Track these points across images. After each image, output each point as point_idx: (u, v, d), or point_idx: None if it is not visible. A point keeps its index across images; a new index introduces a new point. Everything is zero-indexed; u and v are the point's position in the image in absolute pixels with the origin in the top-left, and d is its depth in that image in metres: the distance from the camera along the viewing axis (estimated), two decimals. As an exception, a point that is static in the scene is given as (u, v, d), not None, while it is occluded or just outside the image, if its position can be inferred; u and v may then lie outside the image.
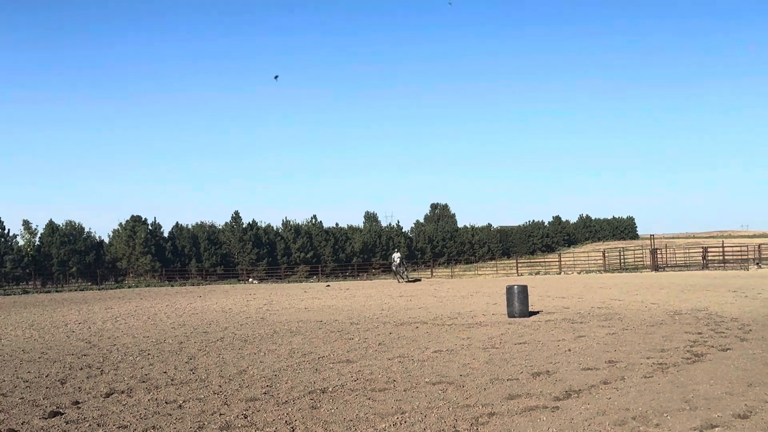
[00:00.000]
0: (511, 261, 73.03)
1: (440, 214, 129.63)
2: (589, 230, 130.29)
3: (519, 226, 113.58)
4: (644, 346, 12.72)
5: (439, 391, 9.31)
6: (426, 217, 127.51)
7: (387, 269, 68.60)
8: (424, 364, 11.66)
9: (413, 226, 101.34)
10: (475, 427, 7.45)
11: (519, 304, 18.44)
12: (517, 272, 52.95)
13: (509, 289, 18.74)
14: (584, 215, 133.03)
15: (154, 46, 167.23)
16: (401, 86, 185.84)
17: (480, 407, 8.32)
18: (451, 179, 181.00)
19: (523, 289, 18.63)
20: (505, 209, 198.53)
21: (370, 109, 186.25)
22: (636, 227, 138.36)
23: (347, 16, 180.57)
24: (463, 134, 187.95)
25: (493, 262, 79.84)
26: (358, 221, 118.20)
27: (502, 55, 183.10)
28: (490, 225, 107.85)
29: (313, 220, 74.78)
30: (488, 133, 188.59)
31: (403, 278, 45.32)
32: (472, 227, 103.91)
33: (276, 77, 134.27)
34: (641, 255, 54.72)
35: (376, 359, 12.35)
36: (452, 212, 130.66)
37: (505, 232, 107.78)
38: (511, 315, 18.51)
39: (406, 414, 8.11)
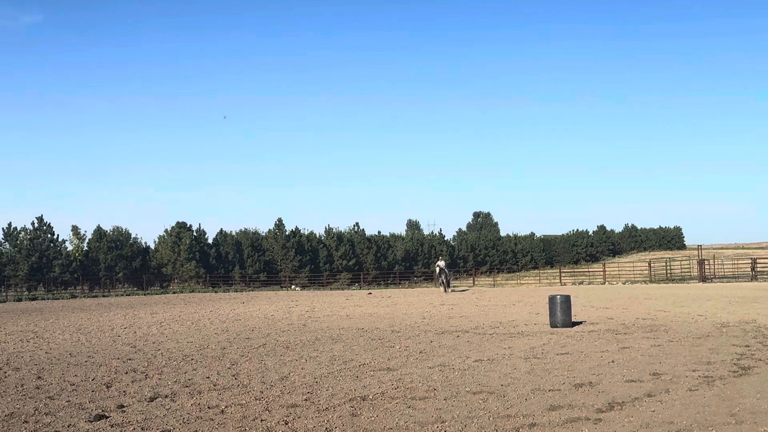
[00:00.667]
0: (554, 270, 72.38)
1: (483, 222, 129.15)
2: (634, 240, 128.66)
3: (563, 235, 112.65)
4: (690, 358, 12.50)
5: (480, 401, 9.26)
6: (468, 226, 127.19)
7: (429, 277, 68.49)
8: (464, 373, 11.62)
9: (455, 234, 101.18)
10: (515, 438, 7.40)
11: (562, 314, 18.27)
12: (561, 282, 52.45)
13: (552, 298, 18.58)
14: (630, 225, 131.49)
15: (196, 48, 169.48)
16: (446, 94, 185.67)
17: (521, 418, 8.26)
18: (494, 188, 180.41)
19: (566, 299, 18.46)
20: (548, 218, 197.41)
21: (414, 117, 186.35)
22: (683, 237, 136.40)
23: (399, 19, 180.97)
24: (507, 142, 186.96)
25: (536, 271, 79.22)
26: (401, 229, 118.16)
27: (547, 61, 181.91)
28: (533, 234, 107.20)
29: (356, 227, 75.06)
30: (532, 141, 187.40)
31: (448, 288, 43.33)
32: (515, 236, 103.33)
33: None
34: (688, 266, 53.78)
35: (416, 367, 12.33)
36: (495, 221, 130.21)
37: (548, 241, 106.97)
38: (553, 325, 18.35)
39: (446, 423, 8.09)
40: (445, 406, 9.03)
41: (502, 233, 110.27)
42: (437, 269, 44.11)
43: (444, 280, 42.52)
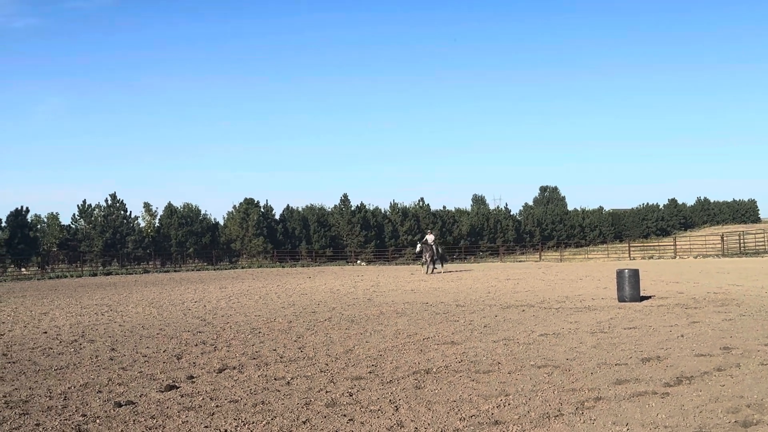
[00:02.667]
0: (623, 245, 71.15)
1: (550, 196, 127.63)
2: (707, 213, 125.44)
3: (632, 209, 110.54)
4: (762, 332, 12.16)
5: (545, 375, 9.19)
6: (535, 200, 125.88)
7: (495, 252, 68.09)
8: (529, 347, 11.54)
9: (522, 208, 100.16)
10: (580, 411, 7.33)
11: (630, 288, 17.95)
12: (629, 256, 51.56)
13: (620, 272, 18.27)
14: (702, 198, 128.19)
15: (264, 28, 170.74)
16: (508, 68, 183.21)
17: (586, 391, 8.17)
18: (562, 161, 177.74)
19: (635, 273, 18.12)
20: (617, 192, 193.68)
21: (478, 91, 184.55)
22: (758, 210, 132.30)
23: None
24: (573, 115, 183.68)
25: (604, 246, 78.02)
26: (466, 204, 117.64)
27: (613, 32, 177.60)
28: (601, 208, 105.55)
29: (421, 202, 75.01)
30: (599, 113, 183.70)
31: (432, 267, 36.95)
32: (583, 210, 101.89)
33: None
34: (763, 239, 52.22)
35: (480, 341, 12.30)
36: (562, 195, 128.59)
37: (617, 215, 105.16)
38: (621, 299, 18.05)
39: (510, 396, 8.05)
40: (509, 379, 8.99)
41: (570, 207, 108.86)
42: (418, 245, 38.25)
43: (429, 258, 36.49)
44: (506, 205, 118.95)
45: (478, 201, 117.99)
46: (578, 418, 7.06)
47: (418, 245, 37.99)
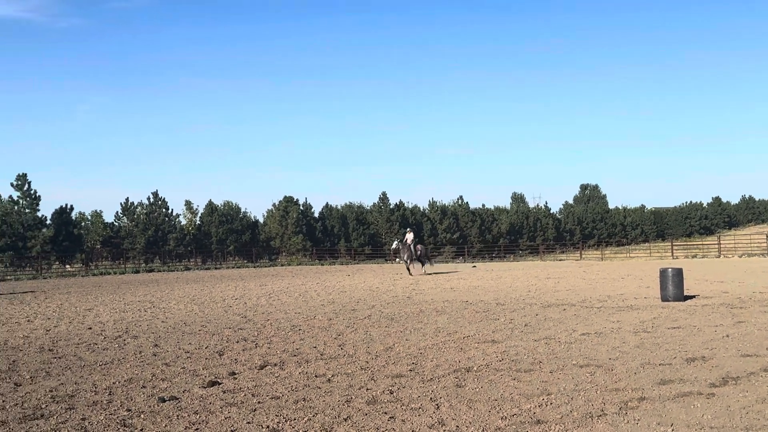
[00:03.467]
0: (665, 244, 70.21)
1: (590, 195, 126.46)
2: (752, 212, 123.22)
3: (675, 207, 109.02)
4: (812, 334, 11.90)
5: (587, 374, 9.10)
6: (575, 198, 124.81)
7: (535, 251, 67.64)
8: (571, 346, 11.43)
9: (562, 207, 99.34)
10: (624, 411, 7.24)
11: (673, 287, 17.68)
12: (672, 255, 50.86)
13: (663, 271, 18.02)
14: (747, 196, 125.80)
15: (301, 30, 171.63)
16: (549, 66, 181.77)
17: (630, 391, 8.07)
18: (602, 159, 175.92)
19: (678, 272, 17.85)
20: (659, 190, 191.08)
21: (517, 89, 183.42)
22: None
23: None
24: (615, 112, 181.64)
25: (646, 244, 77.06)
26: (505, 202, 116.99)
27: (653, 26, 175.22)
28: (643, 206, 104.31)
29: (460, 200, 74.82)
30: (641, 110, 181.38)
31: (411, 266, 34.75)
32: (624, 208, 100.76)
33: None
34: (811, 238, 51.14)
35: (521, 340, 12.22)
36: (603, 193, 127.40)
37: (659, 214, 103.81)
38: (664, 299, 17.79)
39: (552, 395, 7.99)
40: (551, 378, 8.92)
41: (611, 206, 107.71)
42: (394, 243, 36.14)
43: (406, 258, 34.22)
44: (546, 203, 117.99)
45: (518, 199, 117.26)
46: (622, 418, 6.98)
47: (394, 243, 36.16)
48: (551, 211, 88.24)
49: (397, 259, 35.64)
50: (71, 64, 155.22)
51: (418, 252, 34.77)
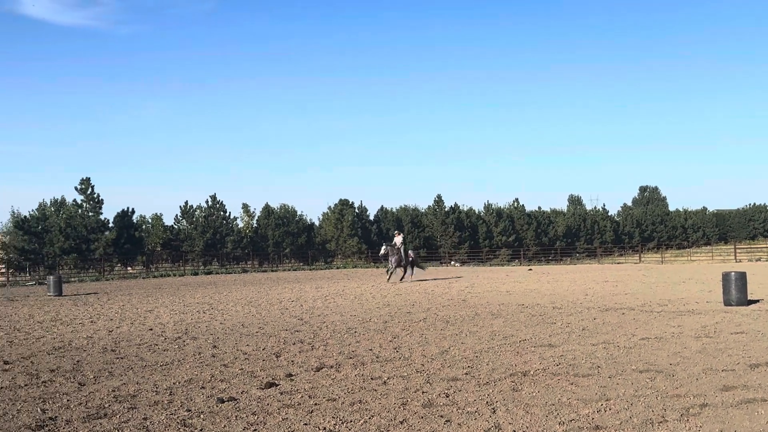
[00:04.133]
0: (728, 246, 68.57)
1: (650, 197, 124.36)
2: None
3: (738, 209, 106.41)
4: None
5: (647, 380, 8.94)
6: (634, 200, 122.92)
7: (592, 254, 66.77)
8: (630, 351, 11.25)
9: (620, 209, 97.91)
10: (685, 418, 7.10)
11: (736, 291, 17.27)
12: (735, 258, 49.66)
13: (726, 275, 17.62)
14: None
15: (363, 30, 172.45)
16: (608, 63, 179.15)
17: (691, 397, 7.91)
18: (662, 160, 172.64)
19: (742, 276, 17.43)
20: (721, 192, 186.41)
21: (575, 89, 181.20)
22: None
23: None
24: (675, 112, 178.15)
25: (708, 247, 75.36)
26: (562, 205, 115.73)
27: (710, 23, 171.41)
28: (705, 208, 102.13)
29: (516, 203, 74.28)
30: (701, 109, 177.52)
31: (396, 272, 32.52)
32: (685, 211, 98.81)
33: None
34: None
35: (579, 344, 12.08)
36: (662, 195, 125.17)
37: (721, 216, 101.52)
38: (727, 303, 17.39)
39: (611, 401, 7.88)
40: (609, 383, 8.80)
41: (671, 208, 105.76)
42: (382, 248, 33.44)
43: (394, 263, 31.95)
44: (604, 205, 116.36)
45: (575, 201, 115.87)
46: (683, 425, 6.85)
47: (383, 247, 33.28)
48: (609, 214, 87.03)
49: (388, 266, 32.30)
50: (132, 70, 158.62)
51: (410, 258, 32.58)
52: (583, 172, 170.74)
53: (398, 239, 32.74)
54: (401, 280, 32.26)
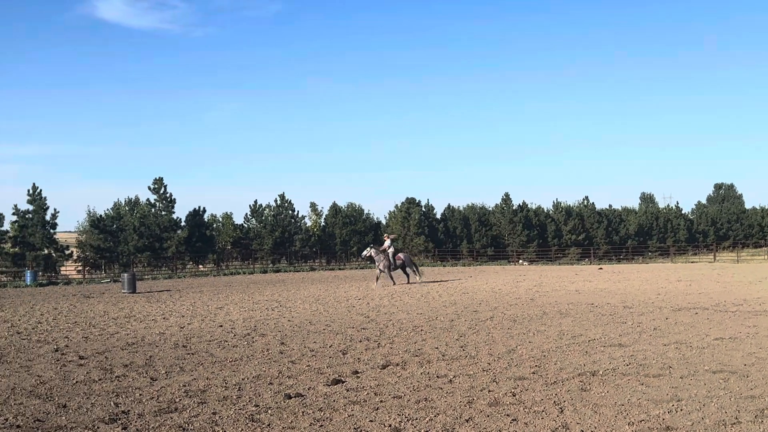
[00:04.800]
0: (808, 245, 66.14)
1: (725, 194, 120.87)
2: None
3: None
4: None
5: (720, 380, 8.71)
6: (709, 198, 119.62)
7: (665, 253, 65.31)
8: (703, 351, 10.97)
9: (694, 207, 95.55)
10: (759, 419, 6.89)
11: (816, 291, 16.67)
12: (816, 257, 47.90)
13: (804, 274, 17.02)
14: None
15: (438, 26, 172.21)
16: (680, 54, 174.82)
17: (766, 399, 7.67)
18: (738, 157, 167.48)
19: (822, 275, 16.80)
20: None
21: (646, 83, 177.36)
22: None
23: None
24: (751, 107, 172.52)
25: (787, 246, 72.78)
26: (634, 203, 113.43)
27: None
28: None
29: (585, 201, 73.02)
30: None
31: (382, 276, 30.75)
32: (762, 209, 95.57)
33: None
34: None
35: (650, 344, 11.83)
36: (739, 192, 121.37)
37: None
38: (806, 303, 16.81)
39: (683, 402, 7.70)
40: (681, 384, 8.60)
41: (748, 206, 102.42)
42: (366, 250, 32.01)
43: (383, 268, 30.36)
44: (677, 203, 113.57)
45: (647, 199, 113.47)
46: (757, 427, 6.65)
47: (366, 250, 31.91)
48: (683, 212, 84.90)
49: (382, 272, 30.45)
50: (205, 72, 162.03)
51: (398, 262, 30.87)
52: (655, 169, 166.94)
53: (387, 242, 31.64)
54: (408, 282, 31.02)
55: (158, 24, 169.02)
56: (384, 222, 66.49)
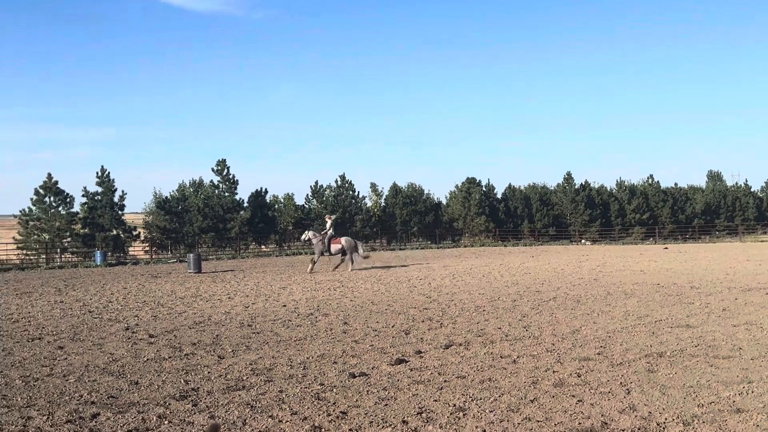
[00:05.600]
0: None
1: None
2: None
3: None
4: None
5: (793, 363, 8.49)
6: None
7: (732, 232, 63.72)
8: (775, 333, 10.70)
9: (764, 185, 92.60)
10: (836, 404, 6.70)
11: None
12: None
13: None
14: None
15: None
16: (753, 25, 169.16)
17: (843, 383, 7.46)
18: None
19: None
20: None
21: (713, 56, 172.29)
22: None
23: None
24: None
25: None
26: (700, 181, 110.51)
27: None
28: None
29: (650, 179, 71.55)
30: None
31: (315, 258, 28.91)
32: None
33: None
34: None
35: (719, 325, 11.59)
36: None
37: None
38: None
39: (754, 383, 7.53)
40: (752, 366, 8.40)
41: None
42: (305, 233, 30.35)
43: (319, 254, 28.94)
44: (746, 181, 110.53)
45: (714, 177, 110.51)
46: (834, 412, 6.47)
47: (305, 233, 30.27)
48: (752, 189, 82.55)
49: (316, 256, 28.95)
50: (266, 54, 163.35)
51: (337, 246, 28.89)
52: (723, 146, 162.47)
53: (328, 223, 29.98)
54: (336, 267, 28.69)
55: (220, 6, 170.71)
56: (444, 202, 66.28)
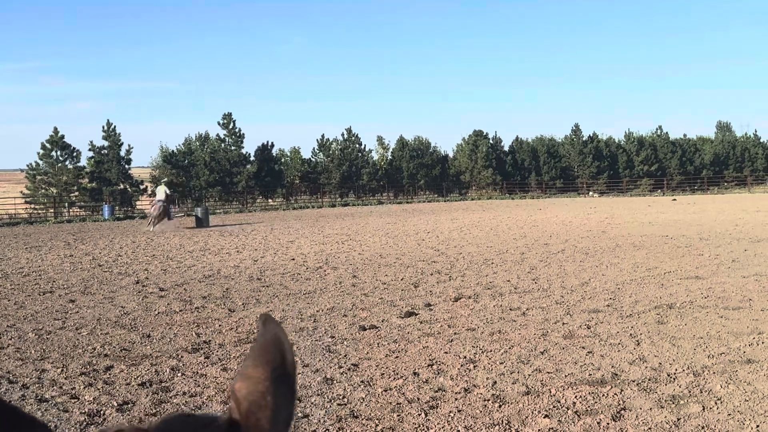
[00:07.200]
0: None
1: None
2: None
3: None
4: None
5: (804, 314, 8.49)
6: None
7: (741, 183, 63.44)
8: (785, 284, 10.69)
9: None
10: None
11: None
12: None
13: None
14: None
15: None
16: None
17: None
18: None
19: None
20: None
21: (718, 10, 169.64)
22: None
23: None
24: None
25: None
26: (709, 132, 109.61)
27: None
28: None
29: (658, 131, 71.03)
30: None
31: (154, 224, 27.94)
32: None
33: None
34: None
35: (728, 276, 11.58)
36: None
37: None
38: None
39: (764, 334, 7.53)
40: (762, 316, 8.41)
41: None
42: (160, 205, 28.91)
43: (158, 214, 28.25)
44: (755, 131, 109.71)
45: (723, 128, 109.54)
46: None
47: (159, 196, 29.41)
48: (761, 140, 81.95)
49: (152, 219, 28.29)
50: (273, 6, 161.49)
51: (157, 211, 28.37)
52: (732, 96, 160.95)
53: (159, 191, 29.91)
54: (149, 225, 28.21)
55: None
56: (451, 155, 66.06)
